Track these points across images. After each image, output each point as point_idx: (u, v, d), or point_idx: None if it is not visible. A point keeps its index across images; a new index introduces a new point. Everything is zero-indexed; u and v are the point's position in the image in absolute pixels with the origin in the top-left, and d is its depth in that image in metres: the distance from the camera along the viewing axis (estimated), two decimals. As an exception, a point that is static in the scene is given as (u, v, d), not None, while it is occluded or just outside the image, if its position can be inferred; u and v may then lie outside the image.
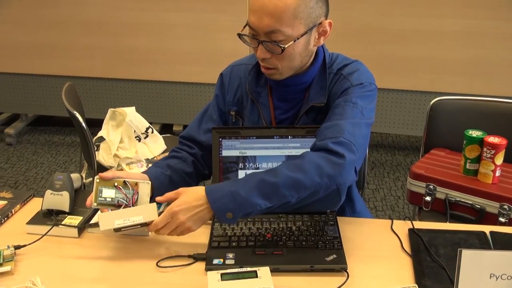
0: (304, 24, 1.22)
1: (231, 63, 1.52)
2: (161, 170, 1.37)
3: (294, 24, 1.20)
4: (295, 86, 1.37)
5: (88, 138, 2.12)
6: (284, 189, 1.14)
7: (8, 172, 3.36)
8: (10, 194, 1.46)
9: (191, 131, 1.49)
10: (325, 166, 1.16)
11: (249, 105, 1.44)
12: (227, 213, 1.14)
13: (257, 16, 1.21)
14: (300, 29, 1.22)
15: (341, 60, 1.39)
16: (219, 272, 1.08)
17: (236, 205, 1.14)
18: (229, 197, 1.14)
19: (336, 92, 1.34)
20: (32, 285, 1.10)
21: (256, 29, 1.23)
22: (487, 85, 3.11)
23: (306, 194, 1.16)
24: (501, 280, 0.94)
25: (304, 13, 1.20)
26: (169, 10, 3.29)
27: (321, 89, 1.35)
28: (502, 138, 1.80)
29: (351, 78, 1.33)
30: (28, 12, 3.45)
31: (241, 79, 1.46)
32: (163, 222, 1.16)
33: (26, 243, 1.22)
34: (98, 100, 3.64)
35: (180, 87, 3.52)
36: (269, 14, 1.19)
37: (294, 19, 1.20)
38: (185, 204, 1.16)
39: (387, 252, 1.23)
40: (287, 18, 1.19)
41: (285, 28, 1.20)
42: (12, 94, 3.76)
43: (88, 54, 3.49)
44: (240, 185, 1.15)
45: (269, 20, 1.19)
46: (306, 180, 1.15)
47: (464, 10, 3.00)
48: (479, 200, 1.77)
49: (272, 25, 1.20)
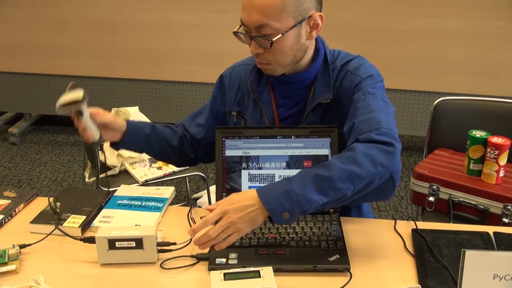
0: (292, 17, 1.23)
1: (232, 65, 1.53)
2: (143, 126, 1.47)
3: (281, 17, 1.21)
4: (297, 83, 1.38)
5: (92, 137, 2.12)
6: (340, 182, 1.10)
7: (11, 171, 3.37)
8: (14, 193, 1.46)
9: (186, 121, 1.58)
10: (377, 155, 1.13)
11: (251, 104, 1.45)
12: (284, 213, 1.08)
13: (247, 12, 1.23)
14: (288, 22, 1.23)
15: (343, 56, 1.40)
16: (222, 272, 1.08)
17: (292, 203, 1.08)
18: (284, 196, 1.08)
19: (347, 89, 1.34)
20: (36, 284, 1.10)
21: (247, 25, 1.25)
22: (491, 85, 3.11)
23: (361, 185, 1.11)
24: (505, 280, 0.94)
25: (291, 6, 1.21)
26: (173, 10, 3.30)
27: (325, 85, 1.36)
28: (506, 139, 1.80)
29: (359, 72, 1.34)
30: (32, 12, 3.46)
31: (242, 79, 1.47)
32: (214, 219, 1.09)
33: (29, 242, 1.23)
34: (102, 99, 3.65)
35: (184, 86, 3.52)
36: (257, 9, 1.21)
37: (281, 12, 1.21)
38: (237, 203, 1.10)
39: (390, 253, 1.23)
40: (274, 11, 1.20)
41: (272, 22, 1.21)
42: (16, 93, 3.77)
43: (92, 54, 3.50)
44: (294, 183, 1.10)
45: (257, 15, 1.21)
46: (361, 171, 1.11)
47: (468, 10, 2.99)
48: (482, 200, 1.77)
49: (260, 19, 1.21)
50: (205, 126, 1.54)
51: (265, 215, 1.09)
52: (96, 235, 1.17)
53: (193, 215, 1.37)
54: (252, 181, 1.34)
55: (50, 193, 3.07)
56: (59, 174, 3.33)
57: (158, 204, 1.41)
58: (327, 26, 1.31)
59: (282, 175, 1.34)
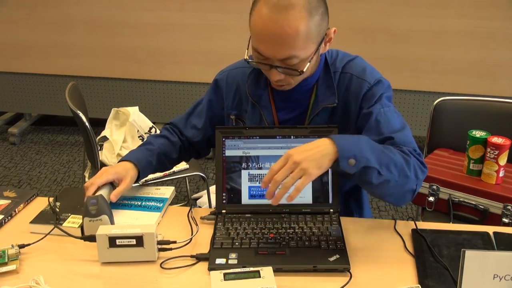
0: (315, 42, 1.22)
1: (226, 68, 1.51)
2: (150, 161, 1.43)
3: (307, 46, 1.20)
4: (300, 88, 1.36)
5: (92, 137, 2.13)
6: (394, 168, 1.17)
7: (11, 171, 3.37)
8: (14, 193, 1.46)
9: (179, 122, 1.55)
10: (418, 169, 1.24)
11: (250, 108, 1.44)
12: (350, 159, 1.11)
13: (268, 46, 1.19)
14: (312, 48, 1.22)
15: (342, 56, 1.39)
16: (222, 272, 1.08)
17: (361, 154, 1.12)
18: (357, 145, 1.13)
19: (355, 94, 1.34)
20: (36, 284, 1.10)
21: (267, 57, 1.22)
22: (491, 85, 3.11)
23: (400, 182, 1.19)
24: (505, 281, 0.94)
25: (314, 33, 1.20)
26: (173, 10, 3.30)
27: (328, 89, 1.35)
28: (506, 139, 1.80)
29: (365, 77, 1.34)
30: (32, 11, 3.46)
31: (239, 83, 1.45)
32: (279, 165, 1.11)
33: (29, 242, 1.23)
34: (102, 99, 3.65)
35: (184, 86, 3.52)
36: (282, 43, 1.17)
37: (306, 41, 1.19)
38: (304, 146, 1.12)
39: (390, 253, 1.23)
40: (300, 42, 1.18)
41: (299, 52, 1.19)
42: (16, 93, 3.77)
43: (92, 54, 3.50)
44: (367, 142, 1.17)
45: (283, 49, 1.18)
46: (408, 169, 1.20)
47: (467, 11, 2.99)
48: (482, 200, 1.77)
49: (287, 52, 1.19)
50: (202, 129, 1.52)
51: (333, 157, 1.11)
52: (97, 233, 1.17)
53: (193, 215, 1.37)
54: (252, 181, 1.34)
55: (50, 193, 3.07)
56: (59, 174, 3.33)
57: (158, 204, 1.41)
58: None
59: (282, 175, 1.34)
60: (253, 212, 1.33)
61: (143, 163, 1.40)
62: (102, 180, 1.32)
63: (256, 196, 1.34)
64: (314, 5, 1.19)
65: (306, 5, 1.17)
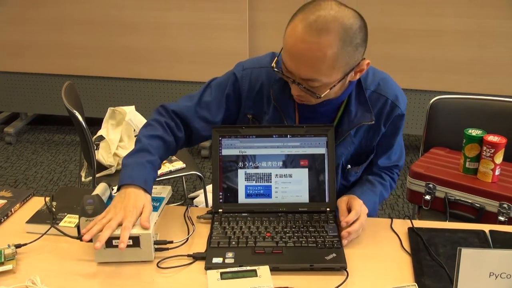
0: (341, 72, 1.20)
1: (249, 65, 1.42)
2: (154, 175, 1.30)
3: (332, 73, 1.18)
4: (331, 102, 1.33)
5: (88, 137, 2.12)
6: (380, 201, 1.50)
7: (7, 171, 3.36)
8: (10, 193, 1.46)
9: (187, 112, 1.42)
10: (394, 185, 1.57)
11: (271, 112, 1.40)
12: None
13: (294, 62, 1.18)
14: (337, 76, 1.20)
15: (372, 73, 1.38)
16: (218, 271, 1.08)
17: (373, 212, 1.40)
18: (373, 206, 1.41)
19: (387, 116, 1.39)
20: (32, 284, 1.10)
21: (292, 72, 1.21)
22: (488, 84, 3.11)
23: None
24: (501, 279, 0.94)
25: (342, 62, 1.17)
26: (169, 9, 3.29)
27: (362, 106, 1.34)
28: (501, 137, 1.80)
29: (399, 103, 1.39)
30: (28, 10, 3.45)
31: (264, 84, 1.39)
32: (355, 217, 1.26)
33: (25, 242, 1.22)
34: (98, 99, 3.64)
35: (180, 86, 3.51)
36: (307, 64, 1.16)
37: (332, 69, 1.17)
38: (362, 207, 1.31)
39: (386, 251, 1.23)
40: (325, 68, 1.16)
41: (322, 77, 1.18)
42: (12, 93, 3.75)
43: (88, 53, 3.49)
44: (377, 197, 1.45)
45: (306, 70, 1.17)
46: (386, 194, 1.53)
47: (464, 9, 3.00)
48: (478, 199, 1.78)
49: (309, 74, 1.17)
50: (213, 123, 1.41)
51: None
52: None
53: (189, 214, 1.37)
54: (248, 180, 1.34)
55: (46, 193, 3.06)
56: (55, 174, 3.32)
57: (155, 204, 1.40)
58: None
59: (278, 174, 1.34)
60: (250, 211, 1.33)
61: (149, 183, 1.28)
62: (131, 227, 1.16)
63: (253, 195, 1.34)
64: (351, 35, 1.15)
65: (341, 33, 1.13)
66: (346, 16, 1.15)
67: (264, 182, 1.34)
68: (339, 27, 1.13)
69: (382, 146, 1.46)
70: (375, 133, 1.41)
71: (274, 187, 1.34)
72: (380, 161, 1.49)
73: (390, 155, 1.49)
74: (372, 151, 1.45)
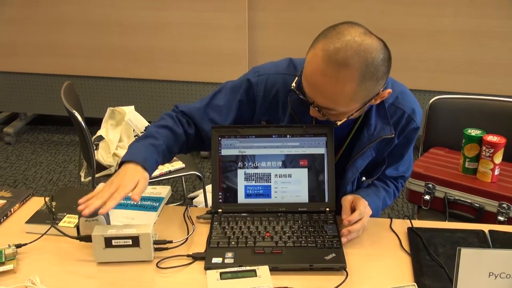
0: (359, 103, 1.18)
1: (265, 71, 1.38)
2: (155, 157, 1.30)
3: (349, 105, 1.16)
4: None
5: (87, 137, 2.12)
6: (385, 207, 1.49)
7: (7, 171, 3.36)
8: (9, 193, 1.45)
9: (196, 113, 1.41)
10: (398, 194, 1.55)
11: (287, 119, 1.38)
12: None
13: (312, 91, 1.16)
14: (355, 106, 1.18)
15: (391, 85, 1.32)
16: (218, 271, 1.08)
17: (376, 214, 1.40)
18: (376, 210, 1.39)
19: (403, 128, 1.37)
20: (32, 284, 1.10)
21: (310, 98, 1.19)
22: (487, 84, 3.12)
23: None
24: (500, 278, 0.95)
25: (360, 96, 1.15)
26: (168, 9, 3.29)
27: (382, 119, 1.33)
28: (501, 137, 1.80)
29: (416, 117, 1.38)
30: (27, 11, 3.45)
31: (279, 91, 1.36)
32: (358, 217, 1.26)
33: (25, 242, 1.22)
34: (97, 99, 3.64)
35: (179, 86, 3.51)
36: (325, 96, 1.14)
37: (350, 101, 1.15)
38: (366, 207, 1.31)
39: (386, 251, 1.23)
40: (343, 101, 1.14)
41: (340, 108, 1.17)
42: (11, 93, 3.75)
43: (87, 53, 3.49)
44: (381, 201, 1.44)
45: (324, 100, 1.15)
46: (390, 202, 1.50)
47: (463, 9, 3.00)
48: (478, 199, 1.78)
49: (326, 104, 1.16)
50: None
51: None
52: (93, 233, 1.16)
53: (189, 214, 1.37)
54: (248, 180, 1.34)
55: (45, 193, 3.06)
56: (55, 174, 3.32)
57: (154, 204, 1.41)
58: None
59: (278, 174, 1.34)
60: (249, 211, 1.33)
61: (149, 163, 1.28)
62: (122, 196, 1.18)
63: (252, 195, 1.34)
64: (371, 70, 1.10)
65: (362, 68, 1.09)
66: (369, 50, 1.10)
67: (264, 182, 1.34)
68: (360, 62, 1.09)
69: (393, 156, 1.44)
70: (388, 144, 1.39)
71: (273, 187, 1.34)
72: (388, 171, 1.47)
73: (398, 166, 1.49)
74: (384, 162, 1.43)
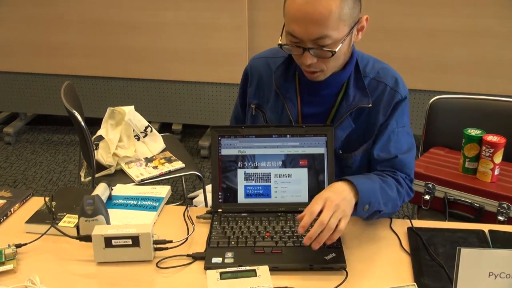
0: (347, 25, 1.23)
1: (254, 57, 1.53)
2: None
3: (339, 26, 1.21)
4: (331, 84, 1.37)
5: (87, 137, 2.12)
6: (391, 203, 1.31)
7: (7, 171, 3.36)
8: (9, 193, 1.45)
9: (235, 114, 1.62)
10: (406, 196, 1.39)
11: (273, 98, 1.45)
12: (365, 206, 1.22)
13: (301, 25, 1.21)
14: (344, 30, 1.23)
15: (373, 63, 1.41)
16: (218, 271, 1.08)
17: (376, 201, 1.24)
18: (374, 191, 1.24)
19: (387, 102, 1.37)
20: (32, 284, 1.10)
21: (301, 38, 1.23)
22: (487, 84, 3.11)
23: (390, 212, 1.33)
24: (500, 278, 0.95)
25: (347, 15, 1.21)
26: (168, 9, 3.29)
27: (359, 90, 1.37)
28: (501, 137, 1.80)
29: (399, 89, 1.38)
30: (26, 10, 3.44)
31: (262, 73, 1.47)
32: (320, 205, 1.12)
33: (25, 242, 1.22)
34: (97, 99, 3.64)
35: (179, 85, 3.51)
36: (315, 22, 1.19)
37: (339, 21, 1.20)
38: (333, 189, 1.19)
39: (386, 251, 1.23)
40: (332, 22, 1.19)
41: (332, 32, 1.20)
42: (11, 93, 3.75)
43: (87, 53, 3.49)
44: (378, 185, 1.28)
45: (315, 28, 1.20)
46: (399, 201, 1.34)
47: (463, 9, 3.00)
48: (478, 198, 1.78)
49: (319, 31, 1.20)
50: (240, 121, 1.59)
51: (354, 200, 1.20)
52: (93, 233, 1.16)
53: (189, 214, 1.37)
54: (248, 180, 1.34)
55: (45, 193, 3.06)
56: (55, 174, 3.32)
57: (154, 204, 1.41)
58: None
59: (278, 174, 1.34)
60: (249, 211, 1.33)
61: None
62: None
63: (252, 195, 1.34)
64: None
65: None
66: None
67: (264, 182, 1.34)
68: None
69: (381, 135, 1.38)
70: (370, 118, 1.38)
71: (273, 187, 1.34)
72: (375, 152, 1.38)
73: (389, 147, 1.38)
74: (365, 140, 1.40)
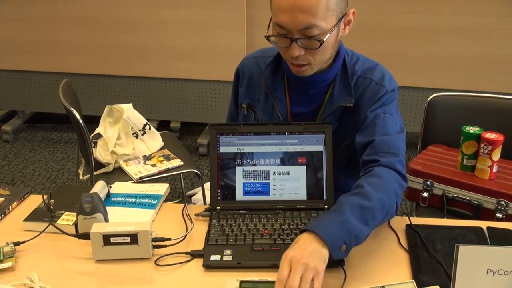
0: (335, 16, 1.23)
1: (245, 57, 1.54)
2: None
3: (327, 16, 1.21)
4: (318, 83, 1.38)
5: (86, 135, 2.12)
6: (377, 211, 1.16)
7: (5, 169, 3.35)
8: (7, 191, 1.45)
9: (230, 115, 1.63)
10: (397, 188, 1.25)
11: (263, 98, 1.45)
12: (342, 246, 1.07)
13: (289, 15, 1.20)
14: (332, 21, 1.23)
15: (362, 62, 1.41)
16: (238, 279, 1.07)
17: (349, 235, 1.09)
18: (341, 228, 1.08)
19: (371, 97, 1.35)
20: (30, 281, 1.10)
21: (289, 28, 1.22)
22: (485, 82, 3.12)
23: (384, 219, 1.22)
24: (498, 275, 0.95)
25: (334, 4, 1.21)
26: (166, 7, 3.28)
27: (344, 89, 1.37)
28: (499, 134, 1.81)
29: (384, 83, 1.37)
30: (24, 8, 3.44)
31: (252, 72, 1.48)
32: (286, 269, 1.00)
33: (23, 239, 1.22)
34: (95, 96, 3.64)
35: (178, 83, 3.51)
36: (303, 11, 1.18)
37: (327, 11, 1.20)
38: (296, 248, 1.04)
39: (384, 248, 1.23)
40: (320, 11, 1.19)
41: (320, 22, 1.20)
42: (9, 91, 3.74)
43: (85, 51, 3.48)
44: (346, 215, 1.10)
45: (303, 17, 1.19)
46: (388, 200, 1.20)
47: (462, 7, 3.00)
48: (476, 196, 1.78)
49: (307, 21, 1.19)
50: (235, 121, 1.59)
51: (327, 249, 1.05)
52: (91, 231, 1.16)
53: (187, 211, 1.37)
54: (246, 178, 1.34)
55: (44, 191, 3.06)
56: (53, 172, 3.32)
57: (153, 201, 1.41)
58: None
59: (276, 172, 1.34)
60: (248, 209, 1.33)
61: None
62: None
63: (251, 193, 1.34)
64: None
65: None
66: None
67: (262, 180, 1.34)
68: None
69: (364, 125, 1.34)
70: (353, 116, 1.36)
71: (272, 184, 1.34)
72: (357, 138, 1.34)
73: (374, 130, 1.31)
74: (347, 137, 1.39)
